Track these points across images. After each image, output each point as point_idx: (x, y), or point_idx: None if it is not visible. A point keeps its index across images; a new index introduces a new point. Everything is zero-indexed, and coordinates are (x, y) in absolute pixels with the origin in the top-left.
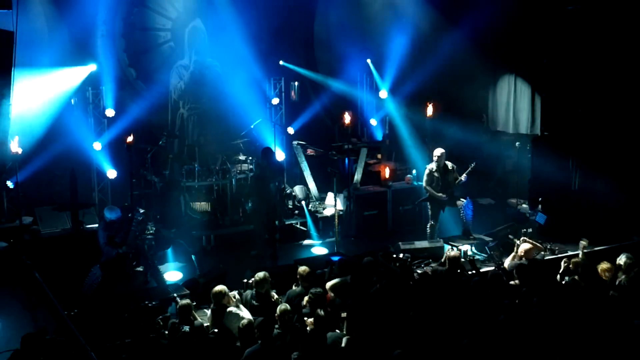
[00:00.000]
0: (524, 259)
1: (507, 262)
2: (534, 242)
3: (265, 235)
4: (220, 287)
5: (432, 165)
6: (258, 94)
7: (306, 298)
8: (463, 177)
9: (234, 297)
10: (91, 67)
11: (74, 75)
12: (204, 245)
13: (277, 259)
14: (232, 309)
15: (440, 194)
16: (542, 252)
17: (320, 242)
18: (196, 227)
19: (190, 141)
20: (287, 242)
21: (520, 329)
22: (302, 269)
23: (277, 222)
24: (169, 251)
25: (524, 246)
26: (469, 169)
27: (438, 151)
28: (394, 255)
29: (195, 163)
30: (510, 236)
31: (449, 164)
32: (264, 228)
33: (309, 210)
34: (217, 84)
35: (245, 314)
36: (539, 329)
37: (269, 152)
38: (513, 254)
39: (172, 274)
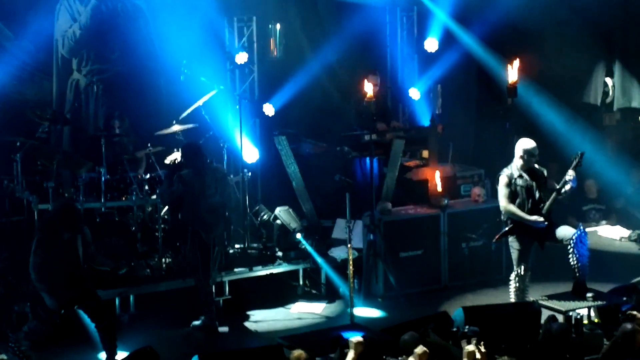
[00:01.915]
0: None
1: None
2: None
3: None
4: None
5: (512, 170)
6: (211, 47)
7: None
8: (569, 177)
9: None
10: None
11: None
12: (118, 313)
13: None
14: None
15: (535, 218)
16: None
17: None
18: (102, 282)
19: (92, 130)
20: (265, 306)
21: None
22: (296, 355)
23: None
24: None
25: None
26: (575, 162)
27: (524, 145)
28: (454, 329)
29: (101, 169)
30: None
31: (537, 167)
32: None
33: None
34: (139, 30)
35: None
36: None
37: (190, 153)
38: None
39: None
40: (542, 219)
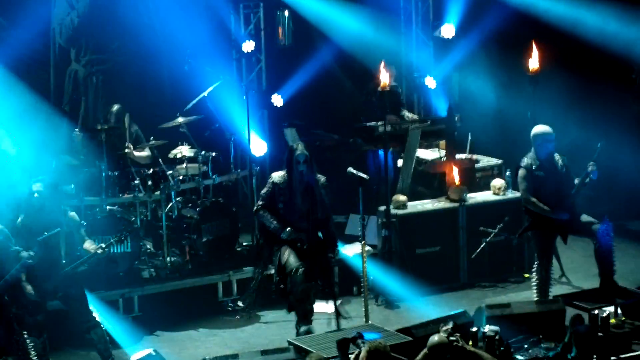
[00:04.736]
0: None
1: None
2: None
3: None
4: None
5: (531, 160)
6: (217, 34)
7: None
8: (590, 168)
9: None
10: None
11: None
12: (119, 312)
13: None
14: None
15: (557, 211)
16: None
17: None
18: (104, 283)
19: (91, 123)
20: (276, 306)
21: None
22: (315, 358)
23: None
24: None
25: None
26: (596, 154)
27: (539, 131)
28: (474, 329)
29: (102, 163)
30: None
31: (558, 157)
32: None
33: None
34: (141, 17)
35: None
36: None
37: None
38: None
39: None
40: (564, 213)
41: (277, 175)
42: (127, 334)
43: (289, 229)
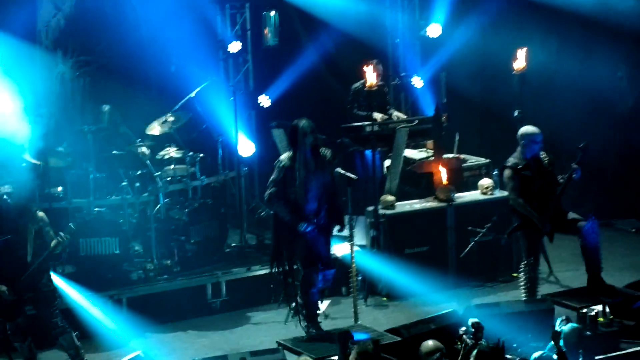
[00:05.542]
0: None
1: None
2: None
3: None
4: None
5: (517, 159)
6: (203, 36)
7: None
8: (574, 168)
9: None
10: None
11: None
12: (108, 313)
13: None
14: None
15: (542, 218)
16: None
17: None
18: (93, 284)
19: (79, 124)
20: (265, 307)
21: None
22: None
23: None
24: None
25: None
26: (580, 154)
27: (526, 132)
28: (462, 330)
29: (89, 165)
30: None
31: (543, 156)
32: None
33: None
34: (126, 18)
35: None
36: None
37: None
38: None
39: None
40: (547, 222)
41: (286, 158)
42: (116, 336)
43: (304, 223)
